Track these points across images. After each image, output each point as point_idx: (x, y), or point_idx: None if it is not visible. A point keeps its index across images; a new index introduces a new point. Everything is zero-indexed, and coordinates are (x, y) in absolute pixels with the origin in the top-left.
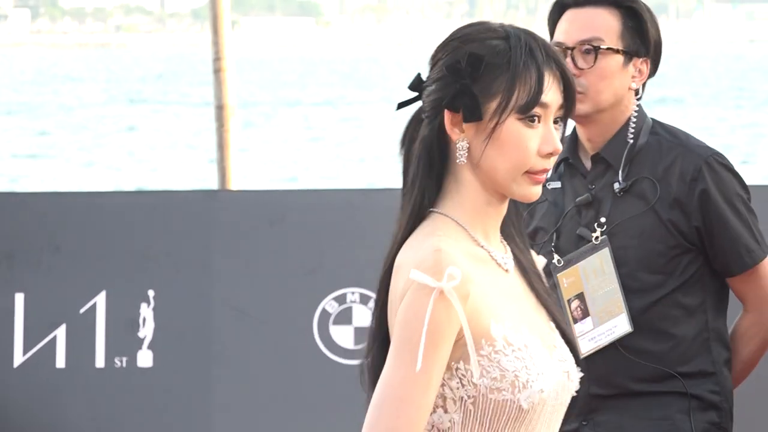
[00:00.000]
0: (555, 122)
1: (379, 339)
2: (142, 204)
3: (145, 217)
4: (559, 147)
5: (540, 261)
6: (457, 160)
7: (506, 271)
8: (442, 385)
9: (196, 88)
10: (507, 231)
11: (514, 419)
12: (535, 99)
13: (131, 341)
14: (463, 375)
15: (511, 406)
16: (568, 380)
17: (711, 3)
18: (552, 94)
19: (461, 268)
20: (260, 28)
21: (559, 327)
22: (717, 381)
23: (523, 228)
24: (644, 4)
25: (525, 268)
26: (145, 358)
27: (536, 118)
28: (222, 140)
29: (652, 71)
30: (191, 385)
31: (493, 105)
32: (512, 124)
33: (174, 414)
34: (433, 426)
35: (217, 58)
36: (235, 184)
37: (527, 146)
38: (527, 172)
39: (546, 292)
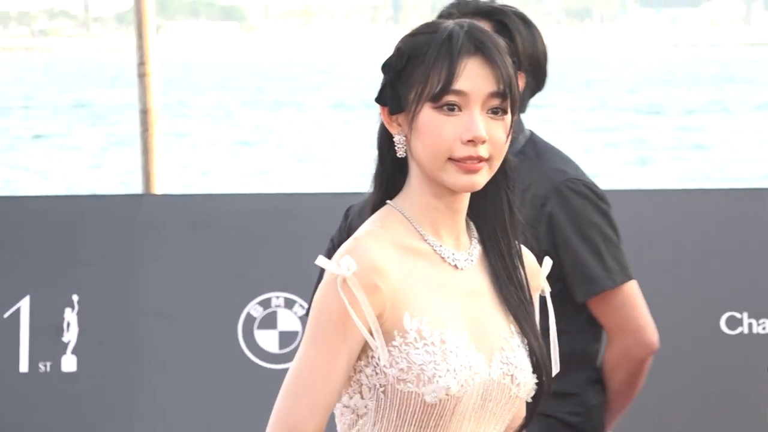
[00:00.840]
0: (496, 113)
1: None
2: (67, 208)
3: (70, 222)
4: (479, 134)
5: (545, 263)
6: (397, 154)
7: (456, 267)
8: (360, 371)
9: (121, 92)
10: (488, 231)
11: (421, 412)
12: (445, 87)
13: (55, 346)
14: (377, 363)
15: (416, 398)
16: (512, 384)
17: (635, 7)
18: (473, 82)
19: (376, 259)
20: (185, 33)
21: (526, 336)
22: (579, 402)
23: (518, 231)
24: (519, 17)
25: (496, 272)
26: (69, 363)
27: (455, 107)
28: (147, 144)
29: (536, 86)
30: (116, 389)
31: (412, 96)
32: (427, 113)
33: (98, 418)
34: (353, 411)
35: (141, 63)
36: (159, 188)
37: (441, 133)
38: (451, 160)
39: (520, 299)
